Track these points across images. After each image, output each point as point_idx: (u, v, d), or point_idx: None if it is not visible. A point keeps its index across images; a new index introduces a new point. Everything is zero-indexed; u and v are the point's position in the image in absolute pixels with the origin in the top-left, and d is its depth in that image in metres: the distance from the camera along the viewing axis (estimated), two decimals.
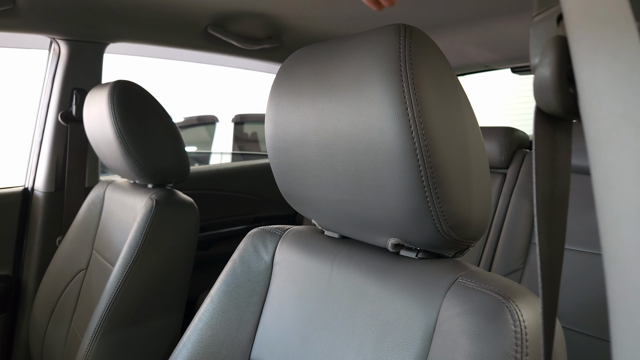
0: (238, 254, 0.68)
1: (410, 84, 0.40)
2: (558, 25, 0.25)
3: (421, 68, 0.41)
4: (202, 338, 0.63)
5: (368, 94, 0.42)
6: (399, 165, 0.42)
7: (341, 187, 0.49)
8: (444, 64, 0.44)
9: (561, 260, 0.28)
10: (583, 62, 0.22)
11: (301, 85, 0.50)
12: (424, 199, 0.42)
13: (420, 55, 0.41)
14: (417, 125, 0.40)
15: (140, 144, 1.03)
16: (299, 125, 0.50)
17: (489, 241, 1.38)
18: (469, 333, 0.41)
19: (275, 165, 0.57)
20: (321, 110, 0.47)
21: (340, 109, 0.45)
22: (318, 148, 0.49)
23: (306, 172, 0.52)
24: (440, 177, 0.41)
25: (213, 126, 4.57)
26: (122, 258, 0.99)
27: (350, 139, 0.45)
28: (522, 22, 1.20)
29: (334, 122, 0.46)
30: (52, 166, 1.39)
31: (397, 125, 0.40)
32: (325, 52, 0.49)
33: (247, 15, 1.22)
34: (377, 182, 0.44)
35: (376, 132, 0.42)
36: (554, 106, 0.25)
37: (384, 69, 0.41)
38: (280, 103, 0.53)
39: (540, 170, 0.27)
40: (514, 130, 1.47)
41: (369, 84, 0.42)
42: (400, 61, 0.41)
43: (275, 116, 0.54)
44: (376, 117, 0.42)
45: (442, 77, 0.43)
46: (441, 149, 0.41)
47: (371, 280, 0.52)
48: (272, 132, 0.55)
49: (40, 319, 1.21)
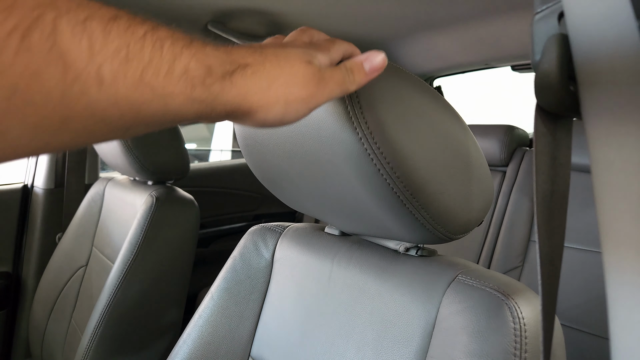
0: (238, 251, 0.68)
1: (356, 111, 0.38)
2: (559, 23, 0.26)
3: (365, 92, 0.39)
4: (202, 335, 0.64)
5: (324, 131, 0.41)
6: (370, 185, 0.41)
7: (334, 206, 0.50)
8: (395, 77, 0.42)
9: (561, 258, 0.28)
10: (584, 60, 0.22)
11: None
12: (406, 209, 0.42)
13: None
14: (372, 147, 0.39)
15: (140, 141, 1.03)
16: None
17: (488, 238, 1.38)
18: (468, 330, 0.41)
19: (255, 172, 0.58)
20: (293, 151, 0.46)
21: (305, 143, 0.44)
22: (300, 177, 0.49)
23: (292, 184, 0.53)
24: (416, 187, 0.40)
25: (212, 123, 4.57)
26: (122, 255, 0.99)
27: (319, 166, 0.45)
28: (523, 19, 1.20)
29: (307, 160, 0.45)
30: (51, 163, 1.39)
31: (355, 152, 0.39)
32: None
33: (248, 12, 1.22)
34: (358, 203, 0.45)
35: (341, 158, 0.41)
36: (554, 104, 0.25)
37: (328, 109, 0.40)
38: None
39: (541, 168, 0.28)
40: (513, 128, 1.47)
41: (320, 123, 0.41)
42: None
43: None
44: (337, 147, 0.41)
45: (394, 91, 0.41)
46: (406, 161, 0.40)
47: (371, 277, 0.52)
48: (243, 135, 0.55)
49: (40, 316, 1.21)
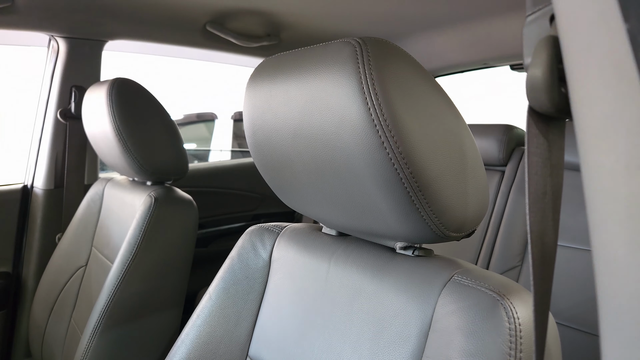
0: (236, 251, 0.68)
1: (374, 98, 0.39)
2: (551, 25, 0.26)
3: (384, 79, 0.40)
4: (200, 335, 0.64)
5: (338, 114, 0.42)
6: (379, 176, 0.42)
7: (337, 204, 0.50)
8: (412, 68, 0.43)
9: (554, 257, 0.28)
10: (574, 62, 0.22)
11: (273, 95, 0.50)
12: (412, 203, 0.42)
13: (380, 68, 0.41)
14: (387, 137, 0.40)
15: (139, 141, 1.03)
16: (280, 141, 0.50)
17: (486, 238, 1.39)
18: (464, 330, 0.41)
19: (258, 161, 0.57)
20: (298, 132, 0.47)
21: (316, 135, 0.45)
22: (303, 165, 0.49)
23: (294, 175, 0.53)
24: (424, 181, 0.41)
25: (212, 123, 4.57)
26: (121, 255, 1.00)
27: (330, 156, 0.45)
28: (521, 19, 1.20)
29: (314, 148, 0.46)
30: (51, 163, 1.39)
31: (369, 141, 0.40)
32: (289, 67, 0.49)
33: (246, 12, 1.22)
34: (365, 195, 0.45)
35: (352, 147, 0.42)
36: (546, 106, 0.25)
37: (345, 88, 0.41)
38: (254, 112, 0.53)
39: (533, 169, 0.28)
40: (512, 128, 1.47)
41: (337, 105, 0.42)
42: (361, 78, 0.40)
43: (253, 121, 0.54)
44: (349, 135, 0.42)
45: (410, 83, 0.42)
46: (418, 154, 0.41)
47: (368, 277, 0.52)
48: (251, 130, 0.55)
49: (40, 316, 1.21)
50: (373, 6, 1.14)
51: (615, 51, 0.20)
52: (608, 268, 0.21)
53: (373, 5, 1.13)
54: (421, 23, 1.28)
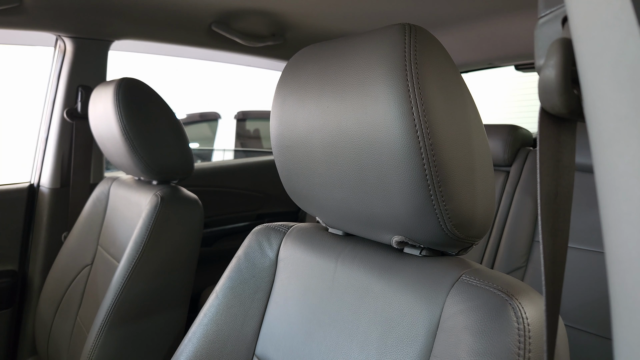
0: (243, 250, 0.69)
1: (415, 83, 0.40)
2: (563, 27, 0.26)
3: (426, 67, 0.41)
4: (207, 333, 0.64)
5: (373, 93, 0.43)
6: (403, 163, 0.42)
7: (346, 186, 0.49)
8: (449, 63, 0.44)
9: (564, 258, 0.28)
10: (587, 64, 0.22)
11: (307, 84, 0.51)
12: (428, 197, 0.42)
13: (425, 54, 0.42)
14: (421, 124, 0.40)
15: (145, 141, 1.04)
16: (304, 123, 0.51)
17: (491, 239, 1.38)
18: (472, 330, 0.41)
19: (280, 163, 0.58)
20: (326, 109, 0.48)
21: (345, 108, 0.46)
22: (323, 146, 0.49)
23: (311, 170, 0.53)
24: (445, 176, 0.42)
25: (215, 123, 4.58)
26: (127, 254, 1.00)
27: (355, 138, 0.45)
28: (526, 19, 1.20)
29: (339, 121, 0.46)
30: (57, 162, 1.40)
31: (402, 124, 0.41)
32: (331, 50, 0.50)
33: (251, 12, 1.22)
34: (381, 181, 0.45)
35: (381, 131, 0.42)
36: (558, 107, 0.25)
37: (389, 68, 0.42)
38: (285, 101, 0.54)
39: (545, 170, 0.28)
40: (517, 128, 1.47)
41: (374, 83, 0.43)
42: (405, 60, 0.41)
43: (281, 114, 0.54)
44: (381, 116, 0.42)
45: (447, 76, 0.43)
46: (446, 148, 0.41)
47: (375, 277, 0.52)
48: (277, 130, 0.56)
49: (46, 314, 1.22)
50: (378, 6, 1.14)
51: (629, 53, 0.20)
52: (622, 268, 0.21)
53: (378, 5, 1.13)
54: (426, 23, 1.28)
